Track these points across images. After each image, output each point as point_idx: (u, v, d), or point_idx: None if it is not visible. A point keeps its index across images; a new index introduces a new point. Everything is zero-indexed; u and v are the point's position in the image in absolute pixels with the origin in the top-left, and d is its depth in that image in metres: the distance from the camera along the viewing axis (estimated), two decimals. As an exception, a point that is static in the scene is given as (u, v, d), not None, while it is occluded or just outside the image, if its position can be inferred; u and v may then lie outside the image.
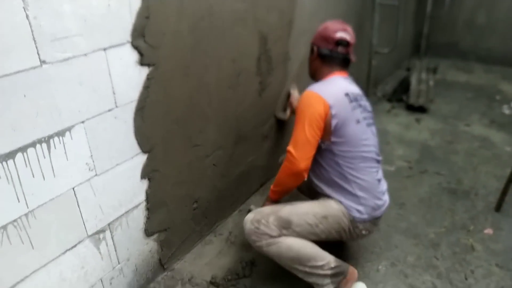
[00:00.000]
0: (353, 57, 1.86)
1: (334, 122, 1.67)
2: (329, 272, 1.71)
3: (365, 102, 1.83)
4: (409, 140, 3.48)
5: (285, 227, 1.68)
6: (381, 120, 3.82)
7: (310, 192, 2.02)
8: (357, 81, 3.85)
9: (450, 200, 2.64)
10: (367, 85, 3.86)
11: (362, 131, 1.74)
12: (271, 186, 1.88)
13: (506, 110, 4.09)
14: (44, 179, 1.35)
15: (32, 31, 1.20)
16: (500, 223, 2.41)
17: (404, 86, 4.51)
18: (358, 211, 1.73)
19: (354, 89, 1.80)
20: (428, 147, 3.37)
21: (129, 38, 1.49)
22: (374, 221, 1.81)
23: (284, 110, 2.63)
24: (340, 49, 1.80)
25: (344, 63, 1.84)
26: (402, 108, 4.17)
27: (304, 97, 1.72)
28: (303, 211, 1.73)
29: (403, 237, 2.29)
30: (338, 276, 1.74)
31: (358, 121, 1.73)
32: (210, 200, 2.22)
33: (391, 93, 4.44)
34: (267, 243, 1.68)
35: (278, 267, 1.97)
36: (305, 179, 1.72)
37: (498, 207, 2.53)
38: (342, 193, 1.75)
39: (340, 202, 1.74)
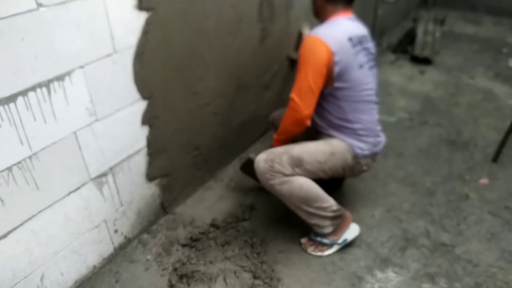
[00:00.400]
0: None
1: (337, 68, 1.67)
2: (330, 214, 1.79)
3: (369, 44, 1.81)
4: (412, 92, 3.46)
5: (297, 165, 1.74)
6: (384, 71, 3.78)
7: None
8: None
9: (448, 151, 2.67)
10: (372, 35, 3.77)
11: (364, 75, 1.75)
12: (274, 136, 1.91)
13: (511, 63, 4.03)
14: (45, 123, 1.38)
15: (26, -29, 1.18)
16: (496, 173, 2.45)
17: (409, 38, 4.41)
18: (360, 148, 1.80)
19: (358, 30, 1.76)
20: (430, 99, 3.36)
21: (126, -20, 1.47)
22: (373, 156, 1.89)
23: (296, 49, 2.56)
24: None
25: (348, 0, 1.80)
26: (406, 59, 4.10)
27: (307, 42, 1.70)
28: (313, 149, 1.79)
29: (400, 185, 2.35)
30: (337, 219, 1.83)
31: (361, 66, 1.73)
32: (211, 148, 2.26)
33: (396, 44, 4.35)
34: (280, 181, 1.73)
35: (275, 212, 2.05)
36: (308, 125, 1.75)
37: (496, 158, 2.56)
38: (345, 133, 1.81)
39: (344, 140, 1.81)
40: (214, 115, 2.19)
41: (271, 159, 1.74)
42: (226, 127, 2.33)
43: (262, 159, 1.76)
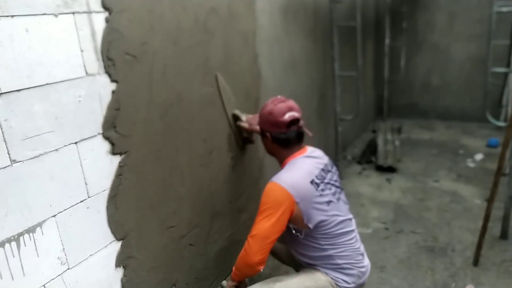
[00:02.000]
0: (307, 131, 1.87)
1: (305, 217, 1.69)
2: None
3: (332, 173, 1.85)
4: (382, 201, 3.56)
5: None
6: (353, 182, 3.92)
7: (292, 260, 2.02)
8: (326, 146, 3.99)
9: (428, 259, 2.66)
10: (336, 150, 4.00)
11: (335, 208, 1.76)
12: (233, 267, 1.84)
13: (470, 164, 4.28)
14: (12, 279, 1.31)
15: (2, 133, 1.23)
16: (480, 277, 2.44)
17: (372, 147, 4.69)
18: (345, 281, 1.76)
19: (318, 165, 1.80)
20: (401, 206, 3.45)
21: (100, 130, 1.54)
22: (360, 287, 1.84)
23: (244, 143, 2.44)
24: (293, 127, 1.80)
25: (299, 138, 1.85)
26: (372, 169, 4.30)
27: (270, 190, 1.70)
28: (294, 287, 1.72)
29: (387, 302, 2.27)
30: None
31: (329, 202, 1.75)
32: (189, 282, 2.16)
33: (360, 155, 4.60)
34: None
35: None
36: (260, 271, 1.72)
37: (476, 262, 2.57)
38: (327, 266, 1.76)
39: (327, 274, 1.75)
40: (190, 247, 2.15)
41: None
42: (204, 257, 2.27)
43: None
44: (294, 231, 1.75)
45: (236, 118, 2.32)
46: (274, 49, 2.79)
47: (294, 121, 1.79)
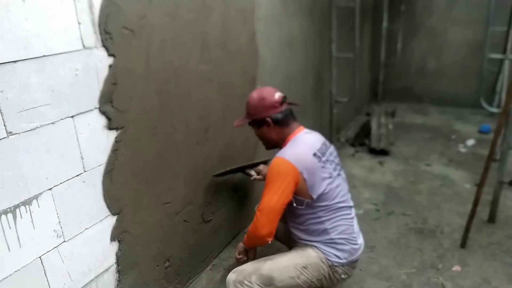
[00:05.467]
0: (295, 103, 2.01)
1: (309, 187, 1.75)
2: None
3: (331, 150, 1.91)
4: (374, 183, 3.60)
5: (268, 284, 1.71)
6: (346, 164, 3.95)
7: (287, 239, 2.06)
8: (321, 128, 4.00)
9: (417, 240, 2.72)
10: (330, 131, 4.02)
11: (336, 183, 1.82)
12: (245, 235, 1.91)
13: (461, 149, 4.33)
14: (9, 251, 1.32)
15: (-1, 104, 1.23)
16: (467, 259, 2.50)
17: (365, 130, 4.71)
18: (337, 256, 1.80)
19: (318, 140, 1.88)
20: (392, 188, 3.49)
21: (96, 104, 1.54)
22: (352, 264, 1.88)
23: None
24: (285, 105, 1.90)
25: (293, 113, 1.94)
26: (365, 151, 4.33)
27: (275, 164, 1.76)
28: (284, 264, 1.77)
29: (376, 280, 2.33)
30: None
31: (330, 176, 1.81)
32: (183, 257, 2.19)
33: (353, 137, 4.62)
34: None
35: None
36: (269, 242, 1.76)
37: (463, 244, 2.62)
38: (320, 240, 1.81)
39: (318, 248, 1.80)
40: (185, 223, 2.17)
41: (239, 281, 1.73)
42: (197, 234, 2.30)
43: (231, 281, 1.75)
44: (295, 204, 1.79)
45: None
46: (272, 27, 2.77)
47: (284, 98, 1.90)
